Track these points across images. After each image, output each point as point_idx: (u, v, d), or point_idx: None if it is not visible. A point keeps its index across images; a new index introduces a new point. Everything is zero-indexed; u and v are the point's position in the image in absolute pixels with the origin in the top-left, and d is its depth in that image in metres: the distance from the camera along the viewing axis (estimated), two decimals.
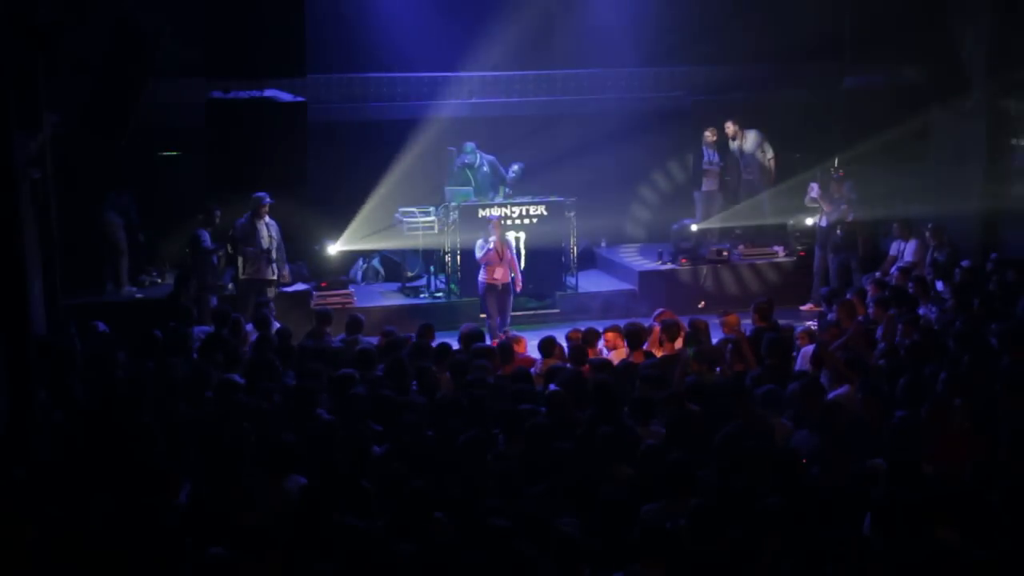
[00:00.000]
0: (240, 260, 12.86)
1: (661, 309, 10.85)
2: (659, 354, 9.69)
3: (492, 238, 12.78)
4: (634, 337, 9.67)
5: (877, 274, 13.22)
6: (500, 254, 12.83)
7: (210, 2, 10.35)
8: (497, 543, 5.58)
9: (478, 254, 12.88)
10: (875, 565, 5.57)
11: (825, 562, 5.55)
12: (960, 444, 7.12)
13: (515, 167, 14.94)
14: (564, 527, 5.80)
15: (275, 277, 12.96)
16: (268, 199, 12.70)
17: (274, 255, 12.81)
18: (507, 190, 14.79)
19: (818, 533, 5.72)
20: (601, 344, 10.05)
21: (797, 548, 5.65)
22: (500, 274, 12.87)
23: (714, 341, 9.96)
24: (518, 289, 13.19)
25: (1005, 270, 11.96)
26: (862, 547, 5.62)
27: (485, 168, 14.90)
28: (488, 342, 10.50)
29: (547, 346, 9.63)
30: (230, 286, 13.34)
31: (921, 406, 7.53)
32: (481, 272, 12.95)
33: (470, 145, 14.83)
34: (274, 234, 12.84)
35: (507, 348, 9.55)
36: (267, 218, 12.81)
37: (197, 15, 10.55)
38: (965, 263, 12.18)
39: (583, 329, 10.12)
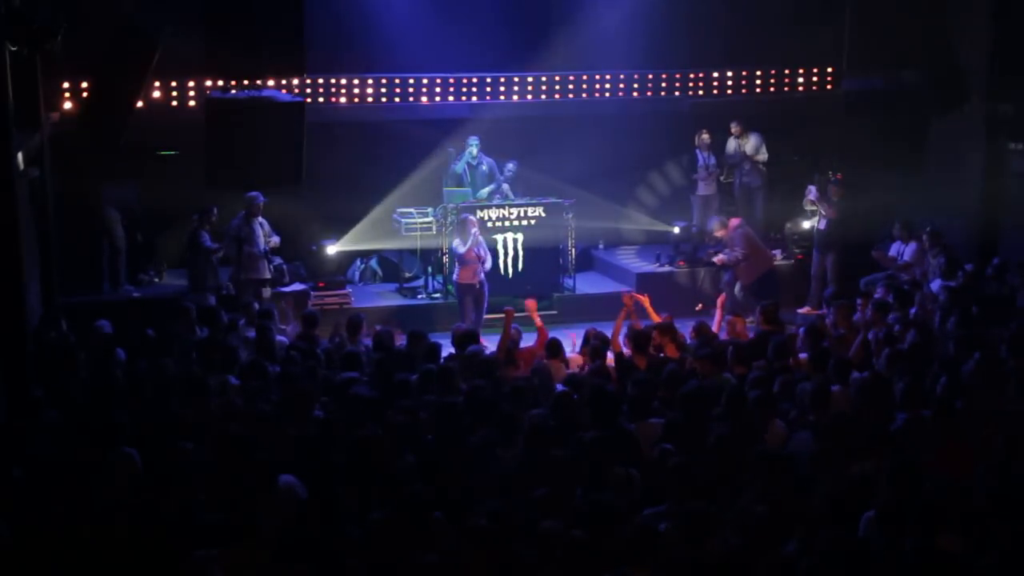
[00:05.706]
0: (238, 260, 12.90)
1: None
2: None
3: (471, 235, 12.73)
4: (639, 340, 9.64)
5: (875, 276, 13.23)
6: (478, 254, 12.80)
7: (210, 2, 10.34)
8: (495, 545, 5.57)
9: (460, 251, 12.79)
10: (875, 569, 5.56)
11: (818, 566, 5.54)
12: (962, 448, 7.11)
13: (509, 165, 14.91)
14: (559, 529, 5.79)
15: (270, 276, 13.05)
16: (262, 198, 12.76)
17: (269, 253, 12.98)
18: (497, 195, 14.72)
19: (811, 536, 5.72)
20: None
21: (790, 551, 5.65)
22: (478, 273, 12.85)
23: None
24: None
25: (1006, 273, 11.95)
26: (859, 550, 5.61)
27: (484, 168, 14.86)
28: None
29: (553, 348, 9.61)
30: (229, 285, 13.32)
31: (921, 409, 7.53)
32: (458, 271, 12.94)
33: (475, 139, 14.75)
34: (267, 231, 12.98)
35: (509, 349, 9.52)
36: (260, 216, 12.92)
37: (197, 14, 10.53)
38: (968, 267, 12.16)
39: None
